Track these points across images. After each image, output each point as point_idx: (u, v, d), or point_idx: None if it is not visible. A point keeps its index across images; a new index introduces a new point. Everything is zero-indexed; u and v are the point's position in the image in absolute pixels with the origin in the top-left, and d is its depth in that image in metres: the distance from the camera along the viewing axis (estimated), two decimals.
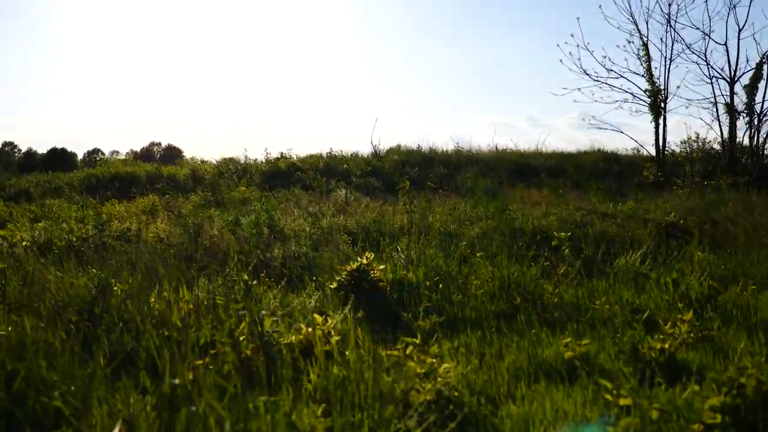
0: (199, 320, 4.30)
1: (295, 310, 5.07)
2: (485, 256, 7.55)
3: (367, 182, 18.17)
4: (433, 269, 6.43)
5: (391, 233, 9.30)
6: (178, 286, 5.88)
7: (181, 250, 7.51)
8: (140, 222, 9.70)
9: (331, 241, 8.77)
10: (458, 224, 10.10)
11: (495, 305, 5.52)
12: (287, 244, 7.94)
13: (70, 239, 8.13)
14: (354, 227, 9.70)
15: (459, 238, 9.22)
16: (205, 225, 9.16)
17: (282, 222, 9.60)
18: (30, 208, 15.07)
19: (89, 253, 7.86)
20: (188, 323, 4.30)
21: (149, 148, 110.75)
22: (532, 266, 6.65)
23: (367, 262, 5.76)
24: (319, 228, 9.41)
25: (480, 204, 11.44)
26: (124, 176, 19.63)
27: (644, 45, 19.00)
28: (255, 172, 19.34)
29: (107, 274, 5.80)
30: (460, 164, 20.33)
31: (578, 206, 11.35)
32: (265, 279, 6.33)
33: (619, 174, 19.03)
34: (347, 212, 12.38)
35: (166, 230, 9.10)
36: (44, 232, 9.37)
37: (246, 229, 8.86)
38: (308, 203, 14.04)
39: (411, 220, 8.65)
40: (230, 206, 14.66)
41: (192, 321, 4.40)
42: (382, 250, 7.78)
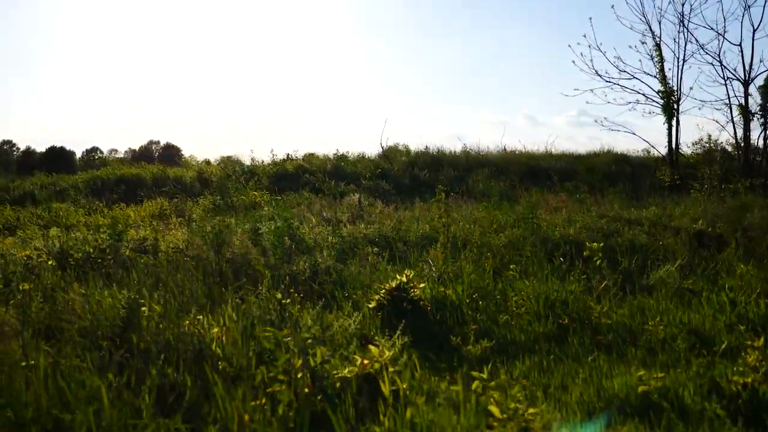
0: (247, 351, 4.04)
1: (336, 334, 4.81)
2: (519, 269, 7.31)
3: (376, 185, 17.91)
4: (469, 285, 6.17)
5: (415, 243, 9.05)
6: (209, 305, 5.64)
7: (205, 263, 7.23)
8: (156, 230, 9.41)
9: (356, 252, 8.51)
10: (482, 232, 9.85)
11: (542, 326, 5.27)
12: (312, 256, 7.67)
13: (87, 251, 7.84)
14: (375, 236, 9.43)
15: (485, 248, 8.99)
16: (224, 233, 8.88)
17: (302, 231, 9.33)
18: (37, 212, 14.79)
19: (108, 266, 7.59)
20: (232, 353, 4.03)
21: (148, 146, 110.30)
22: (572, 281, 6.39)
23: (407, 280, 5.50)
24: (340, 237, 9.14)
25: (501, 210, 11.17)
26: (129, 178, 19.33)
27: (657, 45, 18.77)
28: (262, 175, 19.05)
29: (133, 291, 5.55)
30: (469, 166, 20.07)
31: (601, 213, 11.10)
32: (295, 295, 6.08)
33: (631, 176, 18.79)
34: (363, 218, 12.12)
35: (183, 239, 8.82)
36: (57, 241, 9.10)
37: (266, 238, 8.59)
38: (321, 208, 13.77)
39: (447, 234, 8.35)
40: (240, 210, 14.41)
41: (236, 350, 4.14)
42: (414, 264, 7.54)
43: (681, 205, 12.64)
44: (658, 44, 18.72)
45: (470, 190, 17.38)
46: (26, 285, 5.44)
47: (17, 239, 10.57)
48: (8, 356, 4.08)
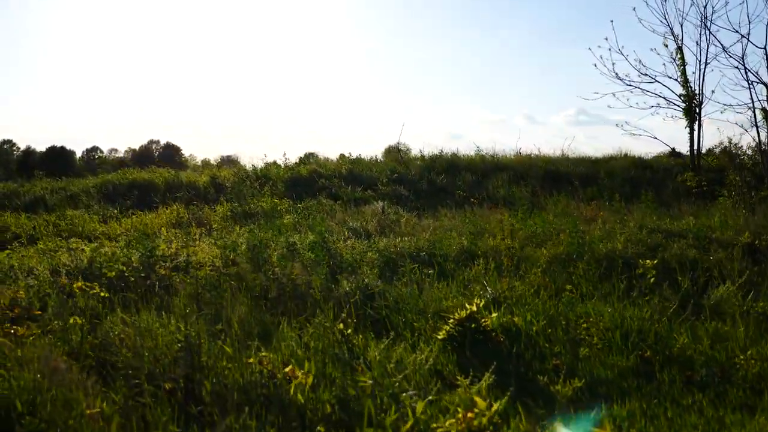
0: (330, 397, 3.70)
1: (413, 373, 4.47)
2: (574, 289, 7.00)
3: (394, 190, 17.59)
4: (534, 310, 5.85)
5: (455, 258, 8.72)
6: (262, 335, 5.31)
7: (249, 284, 6.89)
8: (186, 245, 9.05)
9: (397, 268, 8.18)
10: (520, 244, 9.53)
11: (624, 360, 4.94)
12: (357, 276, 7.33)
13: (120, 269, 7.49)
14: (412, 250, 9.09)
15: (530, 264, 8.67)
16: (259, 248, 8.54)
17: (338, 245, 8.99)
18: (51, 219, 14.44)
19: (144, 287, 7.25)
20: (315, 401, 3.70)
21: (148, 146, 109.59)
22: (640, 305, 6.07)
23: (477, 309, 5.17)
24: (377, 252, 8.81)
25: (537, 220, 10.84)
26: (141, 183, 18.96)
27: (679, 48, 18.51)
28: (277, 180, 18.69)
29: (190, 324, 5.21)
30: (487, 171, 19.74)
31: (639, 223, 10.77)
32: (348, 321, 5.75)
33: (652, 181, 18.47)
34: (392, 229, 11.79)
35: (215, 255, 8.47)
36: (84, 257, 8.74)
37: (304, 255, 8.25)
38: (346, 217, 13.43)
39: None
40: (259, 218, 14.07)
41: (317, 395, 3.80)
42: (462, 283, 7.22)
43: (715, 215, 12.32)
44: (680, 47, 18.47)
45: (491, 196, 17.06)
46: (78, 319, 5.06)
47: (38, 252, 10.21)
48: (71, 404, 3.75)
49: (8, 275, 7.78)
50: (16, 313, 5.67)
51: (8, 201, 18.15)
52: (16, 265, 8.38)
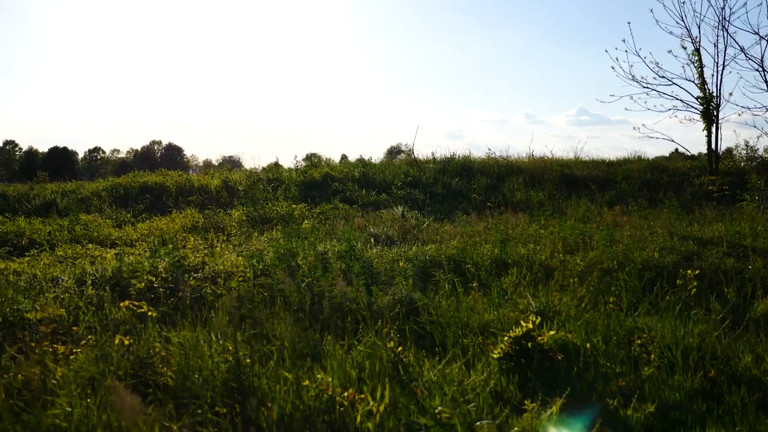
0: None
1: (474, 395, 4.28)
2: (617, 301, 6.80)
3: (409, 194, 17.39)
4: (585, 325, 5.66)
5: (487, 268, 8.51)
6: (313, 353, 5.11)
7: (287, 297, 6.69)
8: (209, 251, 8.86)
9: (430, 278, 7.99)
10: (552, 252, 9.33)
11: (689, 380, 4.75)
12: (392, 286, 7.13)
13: (149, 279, 7.30)
14: (442, 258, 8.89)
15: (567, 274, 8.48)
16: (288, 257, 8.35)
17: (368, 254, 8.80)
18: (65, 224, 14.23)
19: (171, 297, 7.06)
20: None
21: (150, 147, 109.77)
22: (694, 320, 5.87)
23: (533, 326, 4.98)
24: (407, 260, 8.62)
25: (564, 226, 10.63)
26: (152, 187, 18.76)
27: (696, 50, 18.29)
28: (290, 183, 18.49)
29: (217, 332, 5.02)
30: (501, 174, 19.55)
31: (669, 230, 10.57)
32: (394, 336, 5.57)
33: (669, 185, 18.27)
34: (414, 235, 11.59)
35: (243, 264, 8.27)
36: (106, 264, 8.56)
37: (335, 264, 8.05)
38: (365, 222, 13.23)
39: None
40: (277, 223, 13.88)
41: None
42: (501, 294, 7.02)
43: (740, 220, 12.11)
44: (698, 49, 18.26)
45: (507, 199, 16.87)
46: (125, 339, 4.86)
47: (58, 259, 10.02)
48: None
49: (33, 285, 7.59)
50: (52, 328, 5.47)
51: (19, 204, 17.95)
52: (39, 274, 8.19)
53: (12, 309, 6.06)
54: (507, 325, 6.14)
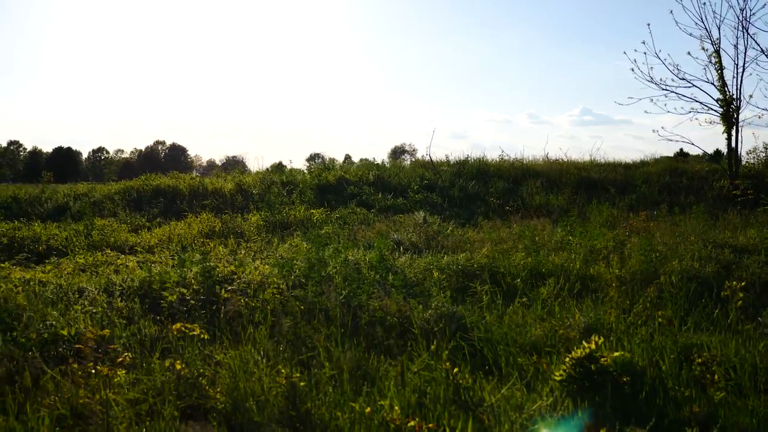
0: None
1: (541, 421, 4.07)
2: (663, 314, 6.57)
3: (426, 198, 17.17)
4: (641, 342, 5.44)
5: (522, 278, 8.30)
6: (364, 374, 4.90)
7: (332, 312, 6.48)
8: (239, 260, 8.64)
9: (466, 289, 7.78)
10: (584, 260, 9.12)
11: (762, 404, 4.53)
12: (432, 299, 6.92)
13: (180, 291, 7.09)
14: (475, 268, 8.68)
15: (596, 283, 8.28)
16: (318, 267, 8.13)
17: (399, 263, 8.59)
18: (80, 228, 14.02)
19: (205, 310, 6.86)
20: None
21: (154, 147, 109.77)
22: (751, 336, 5.65)
23: (596, 347, 4.76)
24: (440, 270, 8.41)
25: (591, 232, 10.41)
26: (165, 190, 18.57)
27: (716, 52, 18.02)
28: (304, 186, 18.28)
29: (260, 349, 4.82)
30: (517, 177, 19.32)
31: (701, 237, 10.35)
32: (442, 354, 5.36)
33: (689, 188, 18.03)
34: (437, 241, 11.38)
35: (275, 274, 8.06)
36: (132, 273, 8.36)
37: (366, 274, 7.83)
38: (384, 227, 13.02)
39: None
40: (295, 228, 13.67)
41: None
42: (544, 307, 6.81)
43: None
44: (718, 50, 17.99)
45: (526, 203, 16.65)
46: (178, 363, 4.64)
47: (79, 267, 9.82)
48: None
49: (60, 297, 7.39)
50: (90, 346, 5.27)
51: (31, 208, 17.78)
52: (64, 284, 7.99)
53: (45, 325, 5.86)
54: (556, 341, 5.95)
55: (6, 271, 9.72)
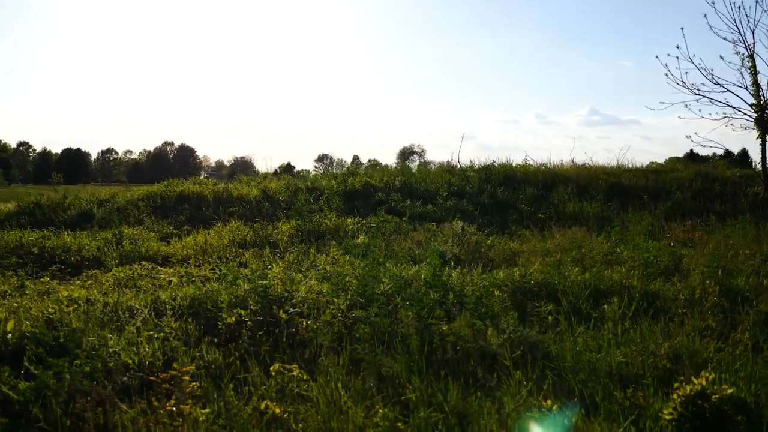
0: None
1: None
2: None
3: (456, 205, 16.87)
4: (747, 375, 5.14)
5: (583, 296, 7.99)
6: (452, 409, 4.62)
7: (409, 335, 6.19)
8: (290, 277, 8.35)
9: (525, 309, 7.49)
10: (643, 275, 8.81)
11: None
12: (500, 321, 6.64)
13: (238, 313, 6.82)
14: (530, 284, 8.38)
15: (661, 301, 7.98)
16: (372, 285, 7.85)
17: (453, 280, 8.31)
18: (108, 237, 13.79)
19: (265, 334, 6.59)
20: None
21: (163, 148, 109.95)
22: None
23: (707, 383, 4.47)
24: (497, 286, 8.12)
25: (646, 246, 10.11)
26: (190, 196, 18.30)
27: (750, 56, 17.70)
28: (330, 193, 17.98)
29: (335, 381, 4.53)
30: (546, 183, 18.99)
31: (757, 251, 10.03)
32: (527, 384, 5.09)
33: (722, 195, 17.69)
34: (482, 254, 11.10)
35: (327, 290, 7.78)
36: (179, 290, 8.09)
37: (424, 292, 7.52)
38: (420, 237, 12.75)
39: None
40: (329, 237, 13.40)
41: None
42: (614, 330, 6.52)
43: None
44: (752, 55, 17.67)
45: (558, 211, 16.33)
46: (272, 406, 4.36)
47: (118, 282, 9.56)
48: None
49: (111, 318, 7.13)
50: (161, 378, 5.01)
51: (54, 214, 17.54)
52: (111, 302, 7.73)
53: (108, 352, 5.60)
54: (644, 370, 5.66)
55: (45, 284, 9.50)
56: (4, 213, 18.12)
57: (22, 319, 6.25)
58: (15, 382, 5.07)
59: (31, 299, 8.12)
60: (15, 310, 6.94)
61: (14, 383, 5.06)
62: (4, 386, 4.92)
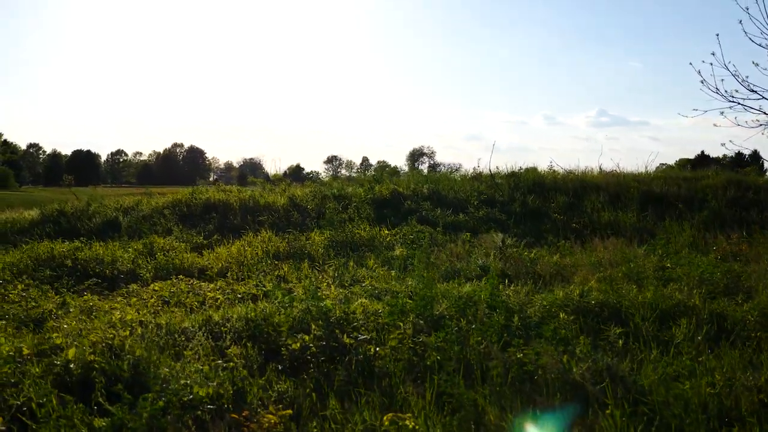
0: None
1: None
2: None
3: (487, 214, 16.60)
4: None
5: (647, 317, 7.71)
6: None
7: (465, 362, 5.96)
8: (342, 295, 8.13)
9: (598, 333, 7.24)
10: (705, 294, 8.54)
11: None
12: (576, 347, 6.38)
13: (303, 340, 6.59)
14: (590, 303, 8.12)
15: (729, 322, 7.71)
16: (431, 305, 7.62)
17: (514, 300, 8.07)
18: (138, 247, 13.62)
19: (331, 363, 6.36)
20: None
21: (172, 150, 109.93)
22: None
23: None
24: (559, 306, 7.87)
25: (702, 262, 9.84)
26: (216, 204, 18.09)
27: None
28: (359, 201, 17.73)
29: None
30: (576, 190, 18.67)
31: None
32: None
33: (757, 203, 17.36)
34: (528, 268, 10.84)
35: (384, 310, 7.55)
36: (230, 311, 7.88)
37: (493, 321, 7.25)
38: (461, 251, 12.49)
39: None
40: (363, 248, 13.18)
41: None
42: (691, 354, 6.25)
43: None
44: None
45: (592, 220, 16.05)
46: None
47: (160, 298, 9.35)
48: None
49: (167, 342, 6.92)
50: (245, 416, 4.78)
51: (79, 222, 17.40)
52: (163, 323, 7.52)
53: (179, 384, 5.37)
54: (731, 403, 5.41)
55: (87, 301, 9.30)
56: (27, 221, 18.00)
57: (85, 346, 6.04)
58: (89, 419, 4.86)
59: (79, 320, 7.92)
60: (70, 334, 6.75)
61: (89, 420, 4.86)
62: (80, 424, 4.71)
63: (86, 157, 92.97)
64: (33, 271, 11.70)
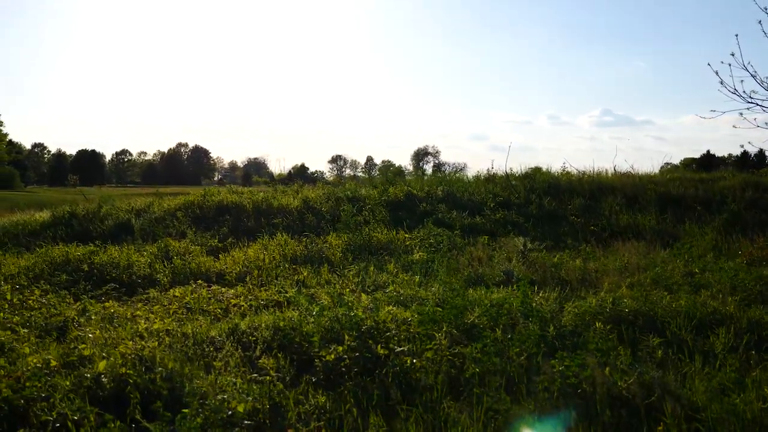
0: None
1: None
2: None
3: (504, 217, 16.41)
4: None
5: (684, 326, 7.53)
6: None
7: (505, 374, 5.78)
8: (371, 303, 7.95)
9: (636, 343, 7.06)
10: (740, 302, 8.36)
11: None
12: (616, 358, 6.21)
13: (337, 351, 6.42)
14: (623, 311, 7.93)
15: None
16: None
17: (545, 308, 7.89)
18: (154, 250, 13.46)
19: (366, 375, 6.18)
20: None
21: (177, 149, 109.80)
22: None
23: None
24: (594, 315, 7.69)
25: (731, 267, 9.65)
26: (229, 206, 17.93)
27: None
28: (374, 204, 17.54)
29: None
30: (592, 192, 18.47)
31: None
32: None
33: None
34: (553, 273, 10.66)
35: (406, 319, 7.38)
36: (256, 319, 7.72)
37: (529, 332, 7.07)
38: (482, 255, 12.31)
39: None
40: (381, 253, 13.00)
41: None
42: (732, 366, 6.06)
43: None
44: None
45: (610, 223, 15.83)
46: None
47: (184, 306, 9.18)
48: None
49: (196, 353, 6.75)
50: None
51: (91, 225, 17.21)
52: (189, 332, 7.36)
53: (217, 401, 5.21)
54: None
55: (108, 308, 9.14)
56: (39, 222, 17.84)
57: (115, 357, 5.88)
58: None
59: (103, 328, 7.76)
60: (97, 344, 6.60)
61: None
62: None
63: (91, 156, 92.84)
64: (49, 275, 11.54)
